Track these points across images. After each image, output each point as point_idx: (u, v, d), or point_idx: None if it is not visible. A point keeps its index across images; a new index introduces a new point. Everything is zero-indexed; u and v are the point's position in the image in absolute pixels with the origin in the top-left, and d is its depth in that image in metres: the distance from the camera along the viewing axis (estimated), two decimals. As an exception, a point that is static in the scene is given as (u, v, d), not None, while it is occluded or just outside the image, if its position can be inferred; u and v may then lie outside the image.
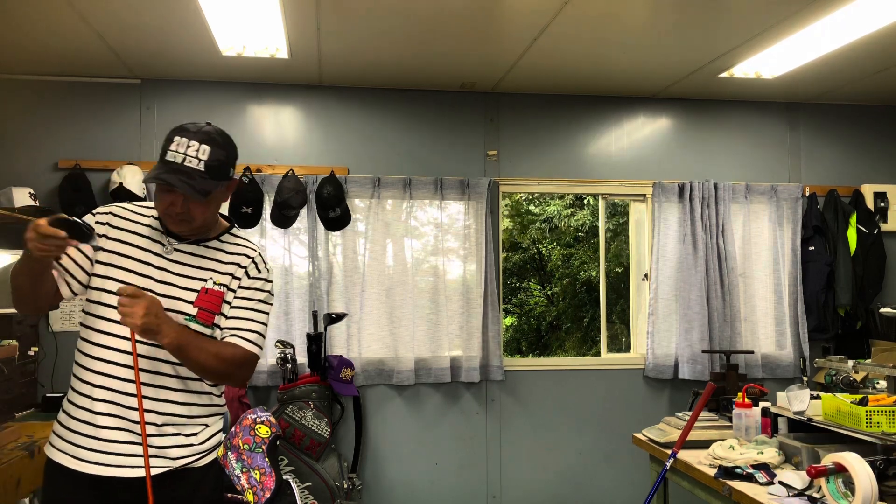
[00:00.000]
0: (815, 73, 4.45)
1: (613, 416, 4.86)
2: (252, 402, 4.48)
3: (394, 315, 4.64)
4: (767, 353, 4.92)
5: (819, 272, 4.90)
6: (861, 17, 3.55)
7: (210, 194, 1.91)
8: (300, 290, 4.56)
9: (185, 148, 1.89)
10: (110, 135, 4.47)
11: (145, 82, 4.55)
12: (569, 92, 4.89)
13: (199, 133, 1.91)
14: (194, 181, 1.87)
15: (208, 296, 1.98)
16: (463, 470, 4.75)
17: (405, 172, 4.72)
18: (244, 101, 4.64)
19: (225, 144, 1.95)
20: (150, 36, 3.83)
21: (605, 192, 5.02)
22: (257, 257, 2.09)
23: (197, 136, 1.90)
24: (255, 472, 3.12)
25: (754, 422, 2.95)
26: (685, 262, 4.82)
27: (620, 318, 8.00)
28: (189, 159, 1.88)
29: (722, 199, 4.86)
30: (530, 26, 3.70)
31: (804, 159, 5.13)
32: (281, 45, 3.92)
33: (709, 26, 3.73)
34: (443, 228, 4.74)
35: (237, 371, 2.00)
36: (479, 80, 4.62)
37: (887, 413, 2.51)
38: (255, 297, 2.05)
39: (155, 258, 1.99)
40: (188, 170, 1.88)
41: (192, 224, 1.96)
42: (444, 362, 4.66)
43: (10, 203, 3.99)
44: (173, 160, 1.88)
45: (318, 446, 4.19)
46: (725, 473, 2.59)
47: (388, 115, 4.77)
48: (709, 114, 5.06)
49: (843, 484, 2.17)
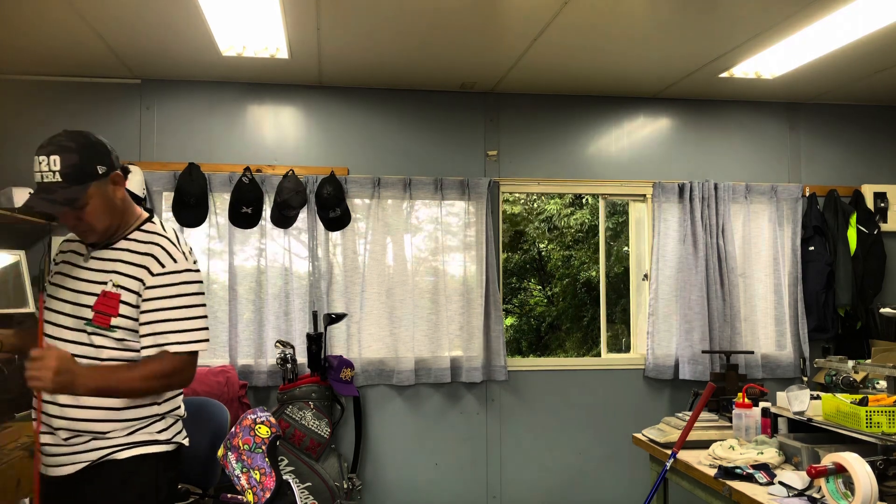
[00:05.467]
0: (815, 73, 4.45)
1: (614, 417, 4.86)
2: (252, 402, 4.48)
3: (394, 315, 4.64)
4: (767, 353, 4.92)
5: (819, 272, 4.90)
6: (861, 17, 3.55)
7: (78, 201, 1.91)
8: (300, 291, 4.56)
9: (39, 165, 1.91)
10: (110, 135, 4.34)
11: (145, 82, 4.55)
12: (569, 92, 4.89)
13: (48, 146, 1.92)
14: (55, 194, 1.89)
15: (105, 298, 2.00)
16: (463, 470, 4.75)
17: (405, 172, 4.72)
18: (244, 101, 4.64)
19: (78, 147, 1.94)
20: (150, 36, 3.83)
21: (605, 192, 5.02)
22: (159, 251, 2.04)
23: (46, 149, 1.91)
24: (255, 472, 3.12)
25: (754, 422, 2.95)
26: (685, 263, 4.82)
27: (620, 318, 8.00)
28: (45, 174, 1.90)
29: (722, 200, 4.86)
30: (530, 26, 3.70)
31: (804, 159, 5.12)
32: (281, 45, 3.92)
33: (709, 26, 3.73)
34: (443, 228, 4.74)
35: (172, 380, 2.03)
36: (479, 80, 4.62)
37: (887, 413, 2.51)
38: (167, 294, 2.02)
39: (74, 269, 2.07)
40: (46, 185, 1.90)
41: (94, 231, 2.00)
42: (444, 362, 4.66)
43: (10, 203, 3.98)
44: (38, 181, 1.92)
45: (319, 446, 4.19)
46: (725, 474, 2.59)
47: (388, 115, 4.77)
48: (709, 114, 5.06)
49: (843, 484, 2.17)
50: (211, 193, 4.47)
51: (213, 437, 3.06)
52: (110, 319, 1.98)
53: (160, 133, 4.52)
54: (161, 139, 4.54)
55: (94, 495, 1.98)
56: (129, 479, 2.01)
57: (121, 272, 2.02)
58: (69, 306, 2.03)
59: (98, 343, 1.99)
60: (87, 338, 1.99)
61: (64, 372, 1.83)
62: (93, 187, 1.94)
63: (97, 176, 1.96)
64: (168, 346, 1.99)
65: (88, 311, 2.00)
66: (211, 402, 3.17)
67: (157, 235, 2.08)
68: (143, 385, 1.97)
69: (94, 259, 2.06)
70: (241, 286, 4.52)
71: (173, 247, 2.06)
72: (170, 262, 2.04)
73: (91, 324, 1.99)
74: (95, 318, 1.98)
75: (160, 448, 2.07)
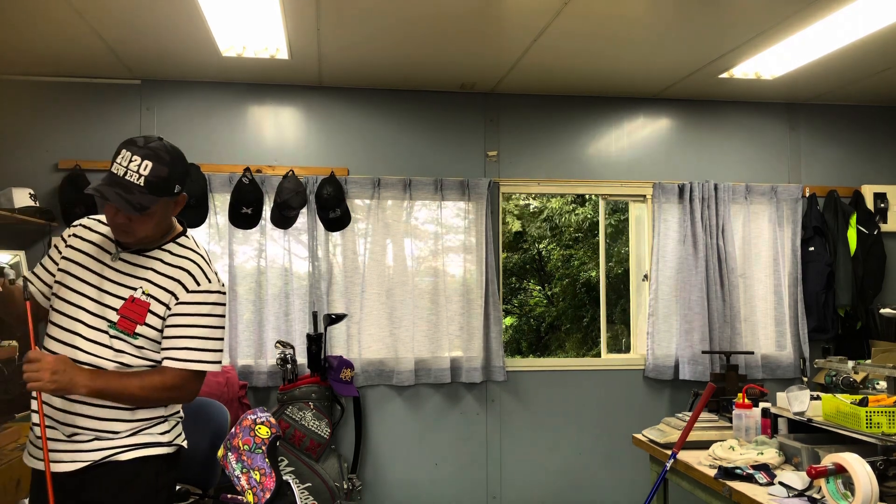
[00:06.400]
0: (815, 74, 4.45)
1: (613, 417, 4.86)
2: (252, 402, 4.48)
3: (394, 315, 4.64)
4: (767, 353, 4.92)
5: (819, 273, 4.90)
6: (861, 17, 3.55)
7: (147, 210, 1.92)
8: (300, 291, 4.56)
9: (128, 162, 1.91)
10: (110, 135, 4.47)
11: (145, 83, 4.55)
12: (569, 92, 4.89)
13: (144, 148, 1.92)
14: (131, 195, 1.89)
15: (134, 305, 2.00)
16: (463, 470, 4.75)
17: (405, 173, 4.72)
18: (244, 101, 4.64)
19: (171, 161, 1.94)
20: (150, 36, 3.83)
21: (605, 192, 5.02)
22: (195, 269, 2.06)
23: (141, 151, 1.91)
24: (255, 472, 3.12)
25: (754, 422, 2.95)
26: (685, 263, 4.82)
27: (620, 318, 8.00)
28: (130, 173, 1.90)
29: (722, 200, 4.86)
30: (530, 26, 3.70)
31: (804, 160, 5.12)
32: (281, 45, 3.92)
33: (709, 27, 3.73)
34: (443, 229, 4.74)
35: (174, 394, 2.04)
36: (478, 81, 4.62)
37: (887, 414, 2.51)
38: (194, 312, 2.04)
39: (99, 265, 2.05)
40: (127, 183, 1.89)
41: (134, 236, 2.00)
42: (444, 363, 4.66)
43: (10, 203, 3.99)
44: (116, 172, 1.91)
45: (319, 447, 4.19)
46: (725, 474, 2.59)
47: (388, 116, 4.77)
48: (709, 114, 5.06)
49: (842, 484, 2.16)
50: (211, 194, 4.47)
51: (213, 437, 3.06)
52: (135, 326, 1.99)
53: (160, 133, 4.51)
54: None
55: (94, 496, 1.98)
56: (131, 481, 2.01)
57: (153, 282, 2.02)
58: (92, 304, 2.01)
59: (118, 347, 1.99)
60: (109, 340, 1.99)
61: (61, 372, 1.84)
62: (162, 202, 1.96)
63: (172, 194, 1.98)
64: (178, 353, 2.02)
65: (113, 313, 1.99)
66: (211, 403, 3.16)
67: (192, 252, 2.10)
68: (142, 394, 1.97)
69: (122, 261, 2.05)
70: (241, 286, 4.52)
71: (207, 266, 2.09)
72: (204, 282, 2.06)
73: (115, 327, 1.98)
74: (120, 322, 1.98)
75: (162, 450, 2.08)
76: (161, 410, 2.08)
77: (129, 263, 2.05)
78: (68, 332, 2.00)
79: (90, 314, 2.00)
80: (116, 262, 2.05)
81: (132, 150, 1.91)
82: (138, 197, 1.89)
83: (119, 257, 2.05)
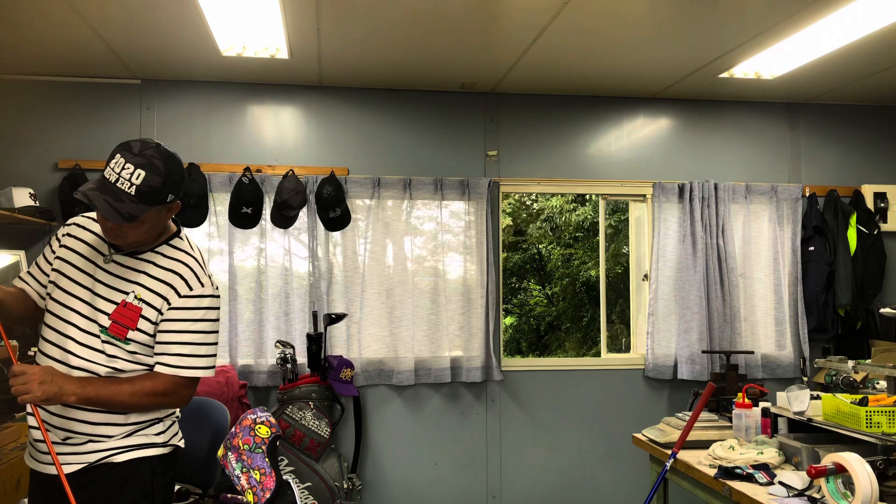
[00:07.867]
0: (815, 73, 4.45)
1: (613, 417, 4.86)
2: (252, 402, 4.48)
3: (394, 315, 4.64)
4: (767, 353, 4.92)
5: (819, 272, 4.90)
6: (861, 17, 3.55)
7: (136, 218, 1.88)
8: (300, 291, 4.56)
9: (120, 168, 1.85)
10: (110, 135, 4.47)
11: (145, 82, 4.55)
12: (569, 92, 4.89)
13: (138, 156, 1.86)
14: (121, 204, 1.84)
15: (125, 309, 1.97)
16: (463, 470, 4.75)
17: (405, 172, 4.72)
18: (244, 101, 4.64)
19: (166, 171, 1.88)
20: (150, 36, 3.83)
21: (605, 192, 5.02)
22: (188, 272, 2.03)
23: (135, 158, 1.86)
24: (255, 472, 3.12)
25: (754, 422, 2.95)
26: (685, 263, 4.82)
27: (620, 318, 8.00)
28: (122, 181, 1.84)
29: (722, 200, 4.86)
30: (530, 26, 3.70)
31: (804, 159, 5.12)
32: (281, 45, 3.92)
33: (709, 26, 3.73)
34: (443, 228, 4.74)
35: (166, 400, 2.01)
36: (478, 81, 4.62)
37: (887, 413, 2.51)
38: (186, 318, 2.01)
39: (91, 267, 2.02)
40: (118, 191, 1.84)
41: (125, 240, 1.96)
42: (444, 362, 4.66)
43: (10, 203, 3.99)
44: (108, 177, 1.86)
45: (318, 446, 4.19)
46: (725, 474, 2.59)
47: (388, 116, 4.77)
48: (709, 114, 5.06)
49: (842, 484, 2.17)
50: (211, 193, 4.47)
51: (213, 437, 3.06)
52: (127, 332, 1.96)
53: (160, 133, 4.52)
54: (161, 139, 4.43)
55: (90, 498, 1.97)
56: (127, 482, 2.00)
57: (145, 286, 1.99)
58: (85, 306, 1.98)
59: (110, 352, 1.97)
60: (101, 345, 1.97)
61: (49, 382, 1.82)
62: (154, 210, 1.91)
63: (164, 203, 1.93)
64: (170, 359, 2.00)
65: (105, 318, 1.97)
66: (211, 402, 3.16)
67: (185, 254, 2.05)
68: (132, 400, 1.94)
69: (115, 263, 2.01)
70: (241, 286, 4.52)
71: (200, 269, 2.05)
72: (197, 286, 2.02)
73: (106, 332, 1.96)
74: (112, 327, 1.96)
75: (158, 451, 2.07)
76: (155, 412, 2.06)
77: (121, 266, 2.01)
78: (61, 336, 1.99)
79: (82, 317, 1.98)
80: (109, 265, 2.01)
81: (126, 156, 1.86)
82: (128, 206, 1.84)
83: (112, 259, 2.02)
